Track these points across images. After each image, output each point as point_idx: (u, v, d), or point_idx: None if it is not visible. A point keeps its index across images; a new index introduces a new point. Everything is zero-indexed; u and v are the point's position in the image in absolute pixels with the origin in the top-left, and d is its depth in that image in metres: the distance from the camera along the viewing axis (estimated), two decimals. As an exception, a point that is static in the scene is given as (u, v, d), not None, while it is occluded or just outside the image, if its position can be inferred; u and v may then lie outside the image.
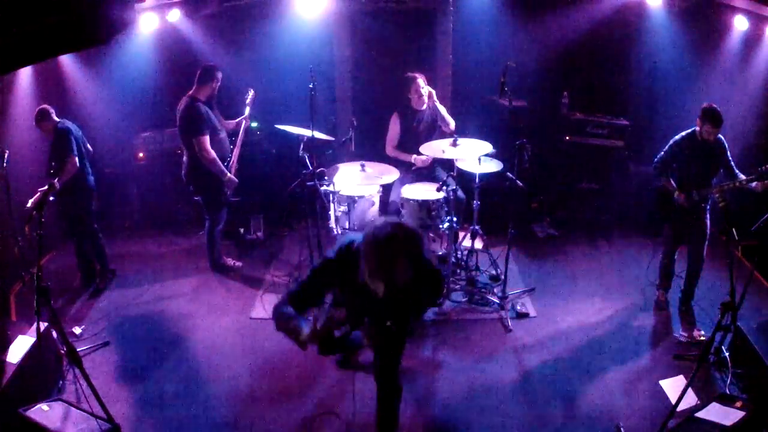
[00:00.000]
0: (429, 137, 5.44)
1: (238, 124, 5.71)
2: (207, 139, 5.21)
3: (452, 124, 5.53)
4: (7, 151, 5.00)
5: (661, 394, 3.99)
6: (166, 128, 6.73)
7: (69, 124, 5.21)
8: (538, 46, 6.64)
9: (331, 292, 3.11)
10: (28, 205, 4.73)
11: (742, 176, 4.47)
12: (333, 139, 5.40)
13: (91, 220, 5.41)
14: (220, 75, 5.35)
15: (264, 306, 5.20)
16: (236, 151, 5.64)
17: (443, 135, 5.52)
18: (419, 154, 5.40)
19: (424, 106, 5.56)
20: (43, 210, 3.83)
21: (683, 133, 4.64)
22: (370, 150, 5.86)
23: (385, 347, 3.32)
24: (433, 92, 5.56)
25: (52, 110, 5.10)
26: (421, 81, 5.47)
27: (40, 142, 5.43)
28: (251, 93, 5.75)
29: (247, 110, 5.73)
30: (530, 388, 4.17)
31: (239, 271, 5.86)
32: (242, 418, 3.91)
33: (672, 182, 4.68)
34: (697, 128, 4.51)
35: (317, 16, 6.59)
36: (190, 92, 5.28)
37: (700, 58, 6.19)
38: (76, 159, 5.12)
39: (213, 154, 5.26)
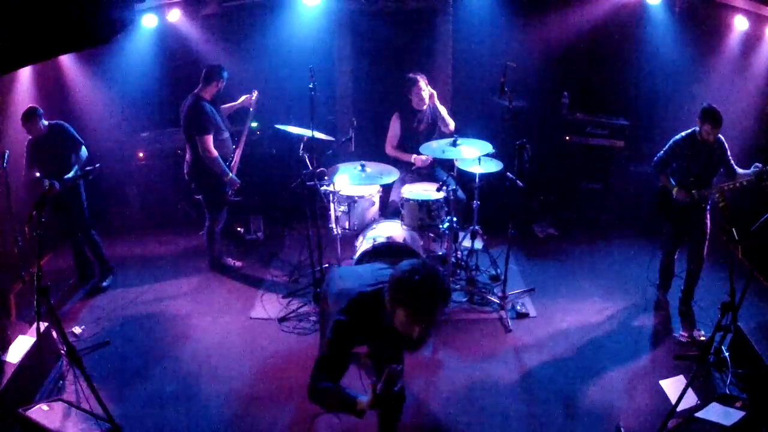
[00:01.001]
0: (429, 137, 5.44)
1: (241, 104, 5.71)
2: (210, 138, 5.22)
3: (452, 125, 5.53)
4: (7, 151, 4.99)
5: (661, 394, 3.99)
6: (166, 128, 6.74)
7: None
8: (538, 46, 6.64)
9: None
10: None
11: (740, 170, 4.48)
12: (333, 139, 5.39)
13: (84, 220, 5.41)
14: (226, 75, 5.35)
15: (264, 306, 5.20)
16: (238, 152, 5.65)
17: (443, 135, 5.52)
18: (419, 154, 5.40)
19: (425, 107, 5.56)
20: (43, 210, 3.83)
21: (683, 133, 4.64)
22: (370, 150, 5.86)
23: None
24: (434, 93, 5.56)
25: (41, 110, 5.12)
26: (422, 83, 5.47)
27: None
28: (255, 94, 5.73)
29: (251, 111, 5.72)
30: (530, 388, 4.17)
31: (239, 271, 5.86)
32: (242, 418, 3.91)
33: (671, 180, 4.69)
34: (697, 128, 4.51)
35: (317, 16, 6.60)
36: (196, 90, 5.29)
37: (700, 58, 6.19)
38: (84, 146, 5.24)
39: (215, 153, 5.27)
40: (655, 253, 5.13)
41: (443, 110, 5.57)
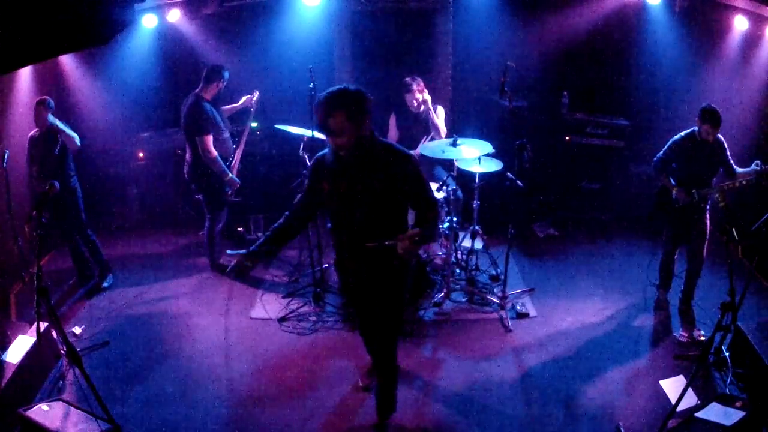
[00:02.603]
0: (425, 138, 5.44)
1: (242, 106, 5.70)
2: (210, 138, 5.22)
3: (443, 133, 5.48)
4: (7, 151, 5.00)
5: (661, 394, 3.99)
6: (165, 128, 6.74)
7: None
8: (538, 46, 6.64)
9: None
10: None
11: (740, 169, 4.48)
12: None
13: (81, 221, 5.37)
14: (227, 75, 5.35)
15: (264, 306, 5.20)
16: (239, 152, 5.65)
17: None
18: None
19: (422, 108, 5.55)
20: (43, 210, 3.84)
21: (683, 133, 4.64)
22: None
23: (380, 322, 3.48)
24: (428, 100, 5.50)
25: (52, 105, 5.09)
26: (416, 91, 5.42)
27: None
28: (256, 94, 5.74)
29: (252, 111, 5.73)
30: (530, 388, 4.17)
31: (239, 271, 5.85)
32: (242, 418, 3.91)
33: (671, 180, 4.69)
34: (697, 128, 4.52)
35: (317, 16, 6.60)
36: (196, 90, 5.28)
37: (700, 58, 6.19)
38: None
39: (215, 153, 5.26)
40: (655, 253, 5.13)
41: (439, 119, 5.50)
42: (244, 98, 5.72)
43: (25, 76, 5.66)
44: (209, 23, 6.61)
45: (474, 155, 4.93)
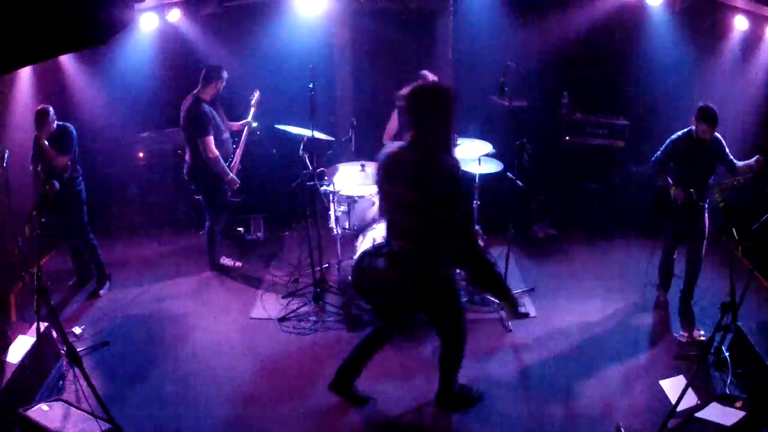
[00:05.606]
0: None
1: (243, 126, 5.72)
2: (212, 139, 5.21)
3: None
4: (7, 151, 4.99)
5: (661, 394, 3.99)
6: (166, 128, 6.74)
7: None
8: (538, 46, 6.64)
9: None
10: None
11: (741, 163, 4.48)
12: (333, 139, 5.40)
13: (83, 224, 5.31)
14: (225, 75, 5.34)
15: (264, 306, 5.20)
16: (239, 152, 5.65)
17: None
18: None
19: None
20: (43, 211, 3.84)
21: (680, 132, 4.64)
22: (370, 150, 5.84)
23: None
24: None
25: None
26: None
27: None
28: (256, 94, 5.74)
29: (252, 111, 5.73)
30: (530, 387, 4.18)
31: (239, 271, 5.86)
32: (242, 418, 3.91)
33: (668, 179, 4.69)
34: (694, 127, 4.52)
35: (317, 16, 6.60)
36: (195, 91, 5.28)
37: (700, 58, 6.19)
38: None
39: (217, 153, 5.26)
40: (655, 253, 5.13)
41: None
42: (238, 124, 5.74)
43: (25, 76, 5.66)
44: (209, 23, 6.60)
45: (474, 155, 4.93)
